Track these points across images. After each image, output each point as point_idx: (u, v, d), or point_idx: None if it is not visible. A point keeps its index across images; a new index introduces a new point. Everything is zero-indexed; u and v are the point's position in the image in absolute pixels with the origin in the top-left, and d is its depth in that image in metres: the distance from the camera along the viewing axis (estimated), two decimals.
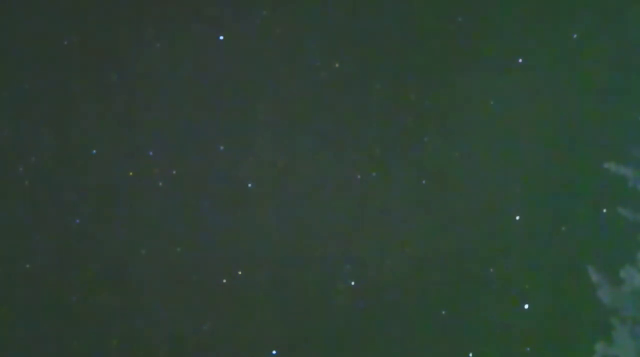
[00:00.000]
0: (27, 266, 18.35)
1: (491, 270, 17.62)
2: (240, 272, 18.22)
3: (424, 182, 18.25)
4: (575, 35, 17.91)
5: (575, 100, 17.70)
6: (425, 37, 18.39)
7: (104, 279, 18.25)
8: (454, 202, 17.96)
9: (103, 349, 18.00)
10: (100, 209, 18.61)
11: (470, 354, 17.33)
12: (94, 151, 18.79)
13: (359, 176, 18.48)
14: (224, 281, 18.19)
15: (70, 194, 18.66)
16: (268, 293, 18.00)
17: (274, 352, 17.77)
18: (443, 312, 17.58)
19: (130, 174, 18.70)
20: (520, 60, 18.08)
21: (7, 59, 18.87)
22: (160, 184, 18.68)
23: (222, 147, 18.67)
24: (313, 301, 17.85)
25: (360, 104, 18.48)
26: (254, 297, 18.05)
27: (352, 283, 17.99)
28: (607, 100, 17.49)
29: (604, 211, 16.86)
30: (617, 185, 12.85)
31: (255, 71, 18.63)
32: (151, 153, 18.72)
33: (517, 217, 17.70)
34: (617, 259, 12.45)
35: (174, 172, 18.67)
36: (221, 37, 18.81)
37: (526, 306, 17.26)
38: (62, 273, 18.23)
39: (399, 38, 18.45)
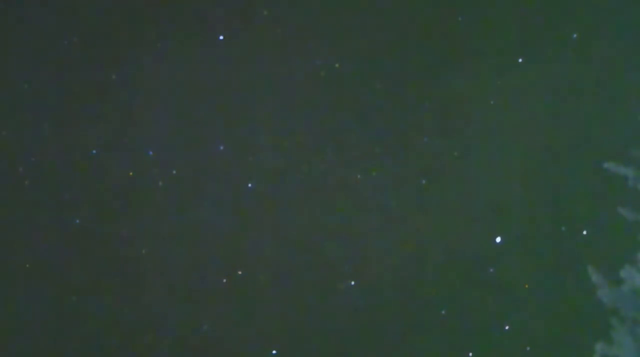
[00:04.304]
0: (27, 266, 18.36)
1: (491, 270, 17.62)
2: (240, 272, 18.23)
3: (423, 182, 18.25)
4: (575, 35, 17.91)
5: (575, 100, 17.70)
6: (425, 37, 18.38)
7: (104, 279, 18.26)
8: (454, 202, 17.96)
9: (103, 349, 18.00)
10: (100, 209, 18.61)
11: (470, 354, 17.34)
12: (94, 151, 18.80)
13: (359, 176, 18.49)
14: (224, 281, 18.20)
15: (70, 194, 18.67)
16: (268, 293, 18.01)
17: (274, 352, 17.77)
18: (443, 312, 17.59)
19: (130, 174, 18.70)
20: (520, 60, 18.08)
21: (7, 59, 18.87)
22: (160, 184, 18.69)
23: (222, 147, 18.68)
24: (313, 300, 17.85)
25: (360, 104, 18.47)
26: (254, 297, 18.05)
27: (352, 283, 17.99)
28: (607, 100, 17.49)
29: (604, 211, 16.85)
30: (617, 185, 12.83)
31: (255, 71, 18.62)
32: (151, 153, 18.73)
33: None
34: (617, 259, 12.43)
35: (174, 172, 18.67)
36: (221, 37, 18.82)
37: (506, 327, 17.29)
38: (62, 273, 18.23)
39: (399, 38, 18.45)
